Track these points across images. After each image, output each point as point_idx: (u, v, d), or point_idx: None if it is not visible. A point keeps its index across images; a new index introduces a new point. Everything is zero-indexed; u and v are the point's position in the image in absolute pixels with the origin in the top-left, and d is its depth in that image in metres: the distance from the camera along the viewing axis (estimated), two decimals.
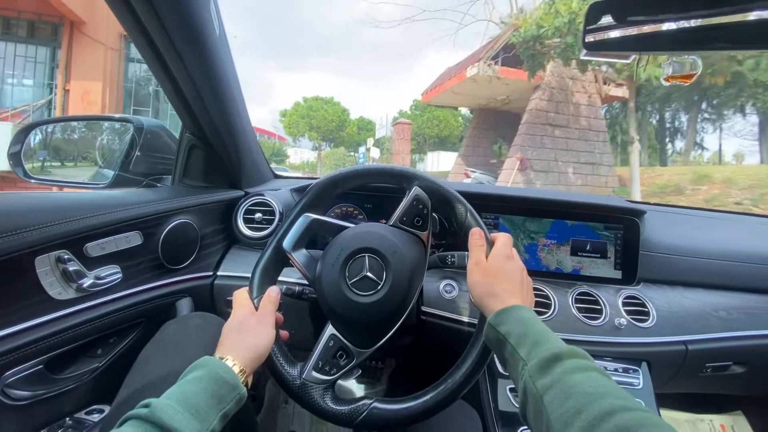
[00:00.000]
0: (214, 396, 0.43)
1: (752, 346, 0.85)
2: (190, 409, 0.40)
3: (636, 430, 0.31)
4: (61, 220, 0.56)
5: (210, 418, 0.42)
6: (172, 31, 0.59)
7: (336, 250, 0.61)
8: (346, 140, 34.45)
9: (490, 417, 0.75)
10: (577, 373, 0.39)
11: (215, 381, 0.44)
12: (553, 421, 0.36)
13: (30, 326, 0.54)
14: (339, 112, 33.19)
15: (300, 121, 32.12)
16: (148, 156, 0.92)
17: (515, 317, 0.49)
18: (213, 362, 0.47)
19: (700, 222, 1.09)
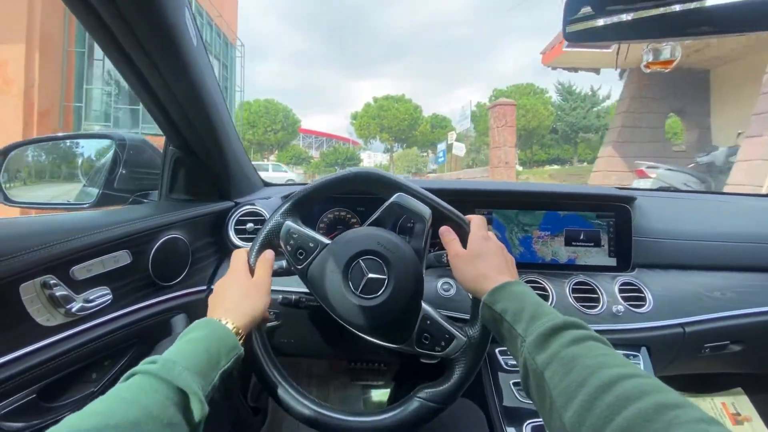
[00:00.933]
0: (215, 355, 0.45)
1: (748, 324, 0.86)
2: (194, 368, 0.42)
3: (637, 398, 0.31)
4: (44, 245, 0.54)
5: (211, 376, 0.44)
6: (147, 45, 0.58)
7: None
8: (419, 140, 32.70)
9: (496, 413, 0.75)
10: (575, 345, 0.39)
11: (216, 341, 0.46)
12: (555, 397, 0.36)
13: (19, 356, 0.52)
14: (411, 110, 31.34)
15: (371, 122, 30.94)
16: (132, 172, 0.90)
17: (509, 293, 0.49)
18: (213, 324, 0.49)
19: (689, 205, 1.11)
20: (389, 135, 31.37)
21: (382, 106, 31.19)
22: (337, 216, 0.98)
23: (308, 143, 45.03)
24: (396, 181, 0.65)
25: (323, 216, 0.98)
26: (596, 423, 0.31)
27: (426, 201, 0.63)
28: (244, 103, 30.53)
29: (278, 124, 31.14)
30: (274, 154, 34.01)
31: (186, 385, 0.39)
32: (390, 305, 0.57)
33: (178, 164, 0.87)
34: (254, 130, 30.84)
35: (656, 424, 0.28)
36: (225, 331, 0.49)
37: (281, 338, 0.85)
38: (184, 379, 0.40)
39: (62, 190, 0.99)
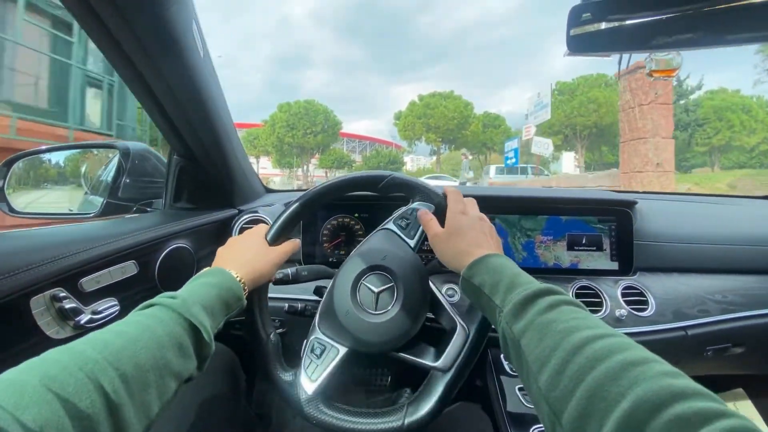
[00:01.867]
0: (224, 302, 0.49)
1: (749, 327, 0.87)
2: (207, 309, 0.45)
3: (605, 358, 0.32)
4: (53, 258, 0.54)
5: (218, 320, 0.47)
6: (155, 57, 0.58)
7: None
8: (469, 140, 29.56)
9: (502, 419, 0.75)
10: (549, 311, 0.40)
11: (226, 290, 0.50)
12: (531, 363, 0.37)
13: None
14: (461, 107, 28.09)
15: (416, 122, 28.34)
16: (136, 181, 0.90)
17: (486, 266, 0.50)
18: (223, 273, 0.52)
19: (690, 208, 1.11)
20: (436, 135, 28.58)
21: (429, 104, 28.32)
22: (340, 222, 0.99)
23: (351, 147, 44.01)
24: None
25: (326, 223, 0.99)
26: (568, 385, 0.32)
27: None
28: (284, 105, 29.27)
29: (318, 126, 29.10)
30: (315, 158, 32.36)
31: (200, 322, 0.43)
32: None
33: (182, 173, 0.87)
34: (294, 132, 29.05)
35: (622, 381, 0.29)
36: (235, 282, 0.52)
37: (287, 346, 0.86)
38: (200, 316, 0.43)
39: (67, 199, 0.99)
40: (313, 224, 0.98)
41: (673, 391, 0.27)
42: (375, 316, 0.58)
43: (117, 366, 0.33)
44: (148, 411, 0.35)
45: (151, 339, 0.38)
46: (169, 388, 0.38)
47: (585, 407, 0.30)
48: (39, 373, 0.29)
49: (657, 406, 0.26)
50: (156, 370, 0.36)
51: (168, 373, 0.38)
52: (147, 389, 0.35)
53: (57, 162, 1.01)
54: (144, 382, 0.35)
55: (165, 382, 0.37)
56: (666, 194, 1.22)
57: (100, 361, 0.32)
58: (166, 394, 0.38)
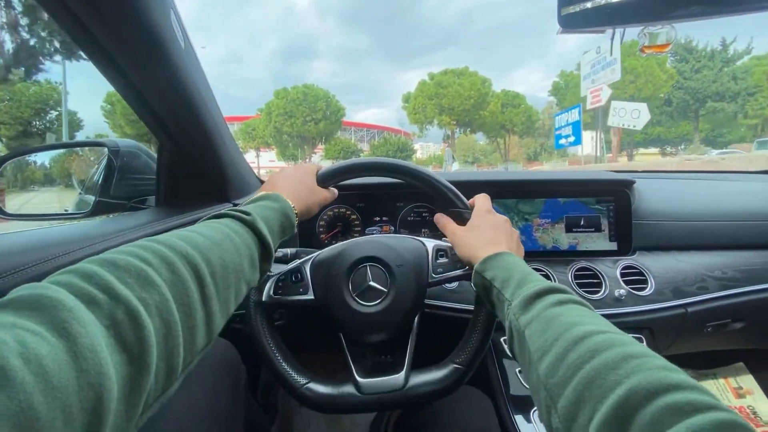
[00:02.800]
0: (282, 226, 0.52)
1: (749, 302, 0.87)
2: (271, 231, 0.48)
3: (605, 349, 0.32)
4: (45, 258, 0.54)
5: (276, 241, 0.50)
6: (133, 49, 0.57)
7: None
8: (487, 122, 26.07)
9: (503, 401, 0.76)
10: (556, 306, 0.41)
11: (285, 217, 0.53)
12: (533, 352, 0.38)
13: None
14: (477, 84, 24.41)
15: (427, 103, 25.04)
16: (127, 178, 0.89)
17: (499, 263, 0.51)
18: (283, 200, 0.55)
19: (687, 185, 1.10)
20: (450, 118, 25.20)
21: (441, 82, 24.72)
22: (337, 213, 0.98)
23: (360, 137, 42.11)
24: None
25: (323, 213, 0.98)
26: (566, 373, 0.33)
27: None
28: (280, 91, 26.34)
29: (319, 113, 26.31)
30: (319, 148, 29.48)
31: (267, 238, 0.46)
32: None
33: (173, 168, 0.86)
34: (292, 120, 26.32)
35: (620, 371, 0.30)
36: (290, 209, 0.55)
37: (287, 335, 0.86)
38: (267, 236, 0.46)
39: (57, 200, 0.99)
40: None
41: (669, 382, 0.27)
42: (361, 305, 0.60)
43: (207, 261, 0.35)
44: (227, 309, 0.38)
45: (232, 245, 0.40)
46: (242, 292, 0.41)
47: (581, 393, 0.31)
48: (144, 261, 0.30)
49: (651, 394, 0.27)
50: (235, 273, 0.39)
51: (242, 279, 0.41)
52: (228, 288, 0.37)
53: (43, 163, 1.00)
54: (227, 281, 0.37)
55: (240, 286, 0.40)
56: (664, 172, 1.21)
57: (192, 254, 0.34)
58: (240, 297, 0.40)
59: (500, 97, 26.86)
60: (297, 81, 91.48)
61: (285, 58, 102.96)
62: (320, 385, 0.59)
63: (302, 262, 0.64)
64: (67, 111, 18.71)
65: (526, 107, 27.97)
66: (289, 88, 27.27)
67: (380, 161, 0.68)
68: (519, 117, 27.43)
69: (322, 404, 0.58)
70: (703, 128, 19.89)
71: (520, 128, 27.63)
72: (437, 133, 29.19)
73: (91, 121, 28.62)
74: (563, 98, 22.17)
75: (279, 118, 26.52)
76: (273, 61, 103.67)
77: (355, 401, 0.58)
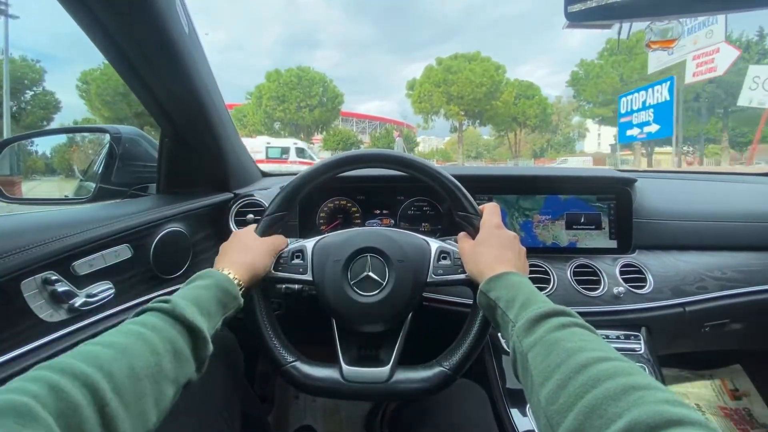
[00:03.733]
0: (219, 302, 0.49)
1: (748, 303, 0.87)
2: (202, 311, 0.45)
3: (608, 378, 0.32)
4: (44, 241, 0.54)
5: (215, 320, 0.47)
6: (138, 33, 0.57)
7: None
8: (500, 113, 22.91)
9: (499, 395, 0.76)
10: (560, 330, 0.41)
11: (221, 290, 0.50)
12: (535, 376, 0.38)
13: (26, 351, 0.52)
14: (491, 70, 21.46)
15: (434, 91, 21.97)
16: (129, 165, 0.89)
17: (505, 283, 0.51)
18: (218, 274, 0.52)
19: (689, 185, 1.10)
20: (459, 107, 22.18)
21: (450, 67, 21.66)
22: (337, 205, 0.98)
23: (361, 128, 40.17)
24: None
25: (323, 205, 0.98)
26: (567, 400, 0.33)
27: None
28: (272, 73, 23.33)
29: (314, 99, 23.46)
30: (317, 138, 26.08)
31: (195, 323, 0.42)
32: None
33: (174, 156, 0.86)
34: (284, 105, 23.25)
35: (621, 402, 0.30)
36: (228, 281, 0.52)
37: (284, 327, 0.86)
38: (195, 319, 0.43)
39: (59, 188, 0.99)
40: (310, 207, 0.97)
41: (670, 417, 0.27)
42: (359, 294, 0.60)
43: (109, 378, 0.32)
44: (145, 420, 0.34)
45: (144, 346, 0.37)
46: (166, 395, 0.37)
47: (581, 423, 0.31)
48: (29, 392, 0.28)
49: (651, 428, 0.26)
50: (150, 377, 0.36)
51: (164, 379, 0.37)
52: (142, 398, 0.34)
53: (44, 153, 1.00)
54: (139, 391, 0.34)
55: (161, 389, 0.37)
56: (666, 172, 1.21)
57: (92, 375, 0.32)
58: (163, 401, 0.37)
59: (514, 86, 23.82)
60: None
61: (287, 48, 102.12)
62: (306, 365, 0.59)
63: (306, 242, 0.64)
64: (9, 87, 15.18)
65: (540, 99, 25.40)
66: (283, 70, 23.84)
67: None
68: (533, 109, 24.80)
69: (305, 384, 0.58)
70: (737, 126, 18.06)
71: (533, 122, 24.79)
72: (443, 126, 26.04)
73: (72, 103, 25.67)
74: (583, 89, 20.00)
75: (270, 103, 23.48)
76: (275, 50, 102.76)
77: (337, 386, 0.58)
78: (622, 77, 18.47)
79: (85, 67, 18.08)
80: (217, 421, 0.64)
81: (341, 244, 0.62)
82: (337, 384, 0.58)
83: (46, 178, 1.04)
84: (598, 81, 19.29)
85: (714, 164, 16.88)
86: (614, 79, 18.87)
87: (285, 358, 0.59)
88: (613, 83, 18.84)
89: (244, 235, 0.62)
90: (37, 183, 1.02)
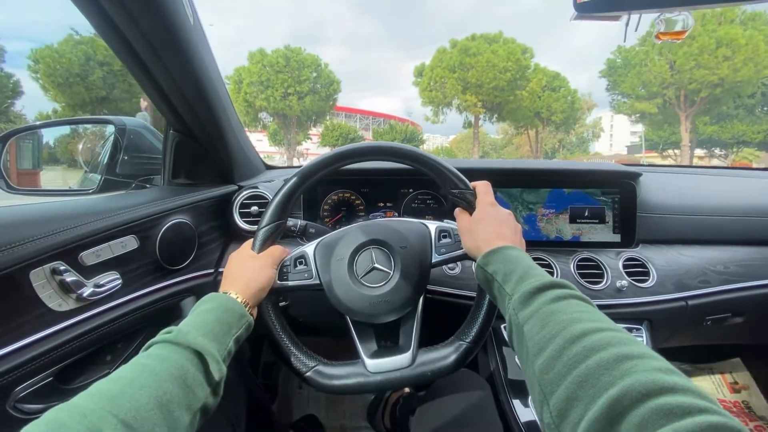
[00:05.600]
0: (225, 323, 0.48)
1: (750, 297, 0.87)
2: (208, 335, 0.45)
3: (601, 349, 0.32)
4: (52, 232, 0.54)
5: (225, 341, 0.47)
6: (143, 23, 0.56)
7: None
8: (523, 107, 19.18)
9: (501, 386, 0.77)
10: (556, 302, 0.41)
11: (225, 311, 0.50)
12: (530, 348, 0.39)
13: (35, 340, 0.53)
14: (517, 53, 17.39)
15: (448, 76, 17.99)
16: (134, 157, 0.89)
17: (502, 257, 0.51)
18: (220, 296, 0.52)
19: (693, 180, 1.10)
20: (477, 98, 18.01)
21: (468, 49, 17.29)
22: (341, 198, 0.98)
23: (365, 125, 38.90)
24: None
25: (327, 198, 0.98)
26: (561, 370, 0.33)
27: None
28: (255, 53, 19.63)
29: (305, 85, 19.41)
30: (315, 134, 22.51)
31: (202, 347, 0.42)
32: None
33: (179, 148, 0.86)
34: (268, 92, 19.34)
35: (614, 371, 0.30)
36: (232, 301, 0.52)
37: (292, 319, 0.87)
38: (199, 342, 0.43)
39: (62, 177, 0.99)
40: (314, 200, 0.97)
41: (662, 385, 0.27)
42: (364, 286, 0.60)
43: (116, 412, 0.33)
44: None
45: (150, 377, 0.37)
46: (181, 422, 0.37)
47: (574, 391, 0.31)
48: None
49: (643, 396, 0.27)
50: (160, 407, 0.36)
51: (176, 408, 0.37)
52: (154, 429, 0.34)
53: (47, 142, 1.00)
54: (149, 422, 0.34)
55: (174, 417, 0.37)
56: (671, 167, 1.20)
57: (98, 411, 0.32)
58: (179, 428, 0.37)
59: (542, 74, 19.56)
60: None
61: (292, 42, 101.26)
62: (328, 367, 0.60)
63: (305, 248, 0.64)
64: None
65: (568, 91, 21.27)
66: (269, 51, 19.42)
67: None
68: (559, 103, 20.92)
69: (331, 386, 0.58)
70: (761, 129, 15.37)
71: (558, 117, 20.88)
72: (454, 121, 21.89)
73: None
74: (621, 81, 16.64)
75: (251, 89, 19.31)
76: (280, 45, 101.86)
77: (363, 382, 0.58)
78: (674, 65, 14.97)
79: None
80: (222, 411, 0.65)
81: (342, 242, 0.62)
82: (363, 379, 0.58)
83: (49, 167, 1.04)
84: (642, 70, 16.09)
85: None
86: (662, 67, 15.38)
87: (306, 364, 0.59)
88: (662, 73, 15.38)
89: (239, 255, 0.61)
90: (43, 172, 1.02)
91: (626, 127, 36.57)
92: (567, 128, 23.17)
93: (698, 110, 15.93)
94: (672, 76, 15.27)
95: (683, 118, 16.38)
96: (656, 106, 16.86)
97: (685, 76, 14.71)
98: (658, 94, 16.40)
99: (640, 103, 17.14)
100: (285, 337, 0.61)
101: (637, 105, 17.29)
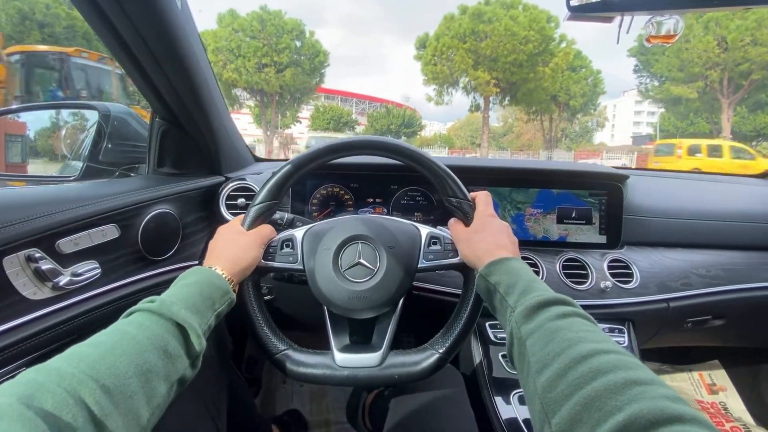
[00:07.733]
0: (209, 298, 0.48)
1: (731, 300, 0.89)
2: (190, 307, 0.45)
3: (609, 371, 0.32)
4: (28, 218, 0.52)
5: (207, 316, 0.47)
6: (128, 8, 0.55)
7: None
8: (542, 87, 15.63)
9: (484, 383, 0.78)
10: (560, 319, 0.41)
11: (209, 286, 0.49)
12: (533, 363, 0.38)
13: (8, 328, 0.51)
14: (542, 20, 14.05)
15: (457, 47, 14.52)
16: (118, 144, 0.87)
17: (505, 268, 0.50)
18: (204, 270, 0.52)
19: (680, 185, 1.11)
20: (490, 74, 14.72)
21: (481, 14, 14.03)
22: (330, 192, 0.97)
23: (361, 110, 37.00)
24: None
25: (316, 192, 0.97)
26: (566, 390, 0.33)
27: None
28: (225, 16, 15.68)
29: (284, 55, 15.53)
30: (303, 117, 19.53)
31: (184, 320, 0.42)
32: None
33: (165, 137, 0.84)
34: (240, 62, 15.48)
35: (621, 396, 0.29)
36: (217, 277, 0.51)
37: (276, 312, 0.86)
38: (182, 315, 0.43)
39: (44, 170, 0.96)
40: (302, 193, 0.96)
41: (671, 413, 0.27)
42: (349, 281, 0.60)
43: (96, 377, 0.32)
44: (138, 417, 0.34)
45: (131, 345, 0.37)
46: (158, 392, 0.37)
47: (579, 413, 0.30)
48: (15, 394, 0.28)
49: (651, 424, 0.26)
50: (139, 375, 0.36)
51: (154, 377, 0.37)
52: (132, 397, 0.34)
53: (27, 135, 0.97)
54: (127, 390, 0.34)
55: (152, 387, 0.37)
56: (657, 171, 1.22)
57: (77, 375, 0.32)
58: (156, 399, 0.37)
59: (568, 50, 15.68)
60: None
61: None
62: (298, 353, 0.59)
63: (295, 231, 0.64)
64: None
65: (590, 72, 18.05)
66: (243, 15, 15.60)
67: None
68: (579, 86, 18.00)
69: (297, 372, 0.58)
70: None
71: (579, 102, 18.28)
72: (460, 103, 19.55)
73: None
74: (655, 60, 14.12)
75: (218, 57, 15.49)
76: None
77: (329, 374, 0.58)
78: (722, 42, 12.31)
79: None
80: (205, 404, 0.65)
81: (331, 232, 0.62)
82: (330, 371, 0.58)
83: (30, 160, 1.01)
84: (682, 47, 13.06)
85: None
86: (709, 44, 12.53)
87: (276, 346, 0.59)
88: (708, 50, 12.52)
89: (228, 229, 0.61)
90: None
91: (629, 117, 36.03)
92: (584, 114, 20.71)
93: (742, 97, 13.43)
94: (719, 54, 12.54)
95: (725, 105, 13.48)
96: (696, 90, 13.96)
97: (737, 54, 11.98)
98: (700, 76, 13.37)
99: (677, 86, 14.29)
100: (260, 317, 0.60)
101: (673, 89, 14.48)
